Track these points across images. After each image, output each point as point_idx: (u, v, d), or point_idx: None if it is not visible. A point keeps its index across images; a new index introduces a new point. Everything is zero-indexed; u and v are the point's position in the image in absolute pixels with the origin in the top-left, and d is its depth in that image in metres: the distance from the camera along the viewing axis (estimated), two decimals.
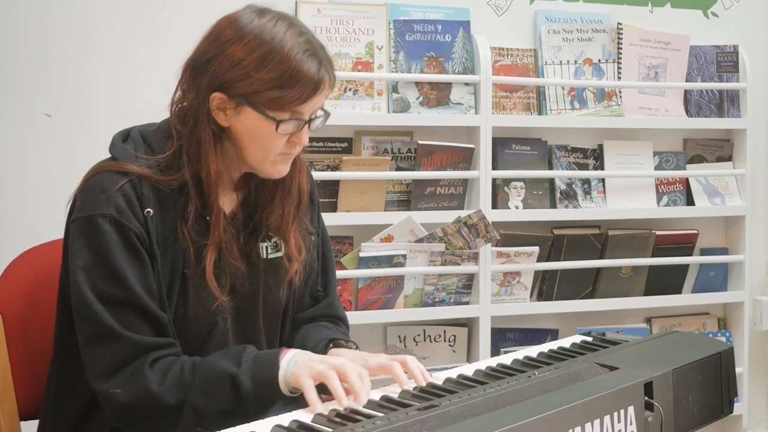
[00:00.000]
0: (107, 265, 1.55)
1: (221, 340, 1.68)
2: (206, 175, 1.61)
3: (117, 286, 1.55)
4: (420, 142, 2.77)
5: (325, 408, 1.44)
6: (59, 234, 2.00)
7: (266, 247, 1.73)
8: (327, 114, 1.66)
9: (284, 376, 1.52)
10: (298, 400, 1.54)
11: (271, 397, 1.54)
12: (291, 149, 1.64)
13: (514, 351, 1.79)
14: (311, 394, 1.46)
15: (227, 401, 1.52)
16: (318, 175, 2.67)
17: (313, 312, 1.87)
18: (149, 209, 1.58)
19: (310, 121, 1.62)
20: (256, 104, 1.56)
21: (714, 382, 1.67)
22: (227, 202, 1.69)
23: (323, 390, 1.50)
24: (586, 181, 3.02)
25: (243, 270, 1.67)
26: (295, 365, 1.52)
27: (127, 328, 1.54)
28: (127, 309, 1.55)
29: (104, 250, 1.55)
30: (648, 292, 3.10)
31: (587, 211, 3.00)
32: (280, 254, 1.74)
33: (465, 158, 2.81)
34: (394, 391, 1.52)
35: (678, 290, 3.16)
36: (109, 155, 1.66)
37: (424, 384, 1.56)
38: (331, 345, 1.73)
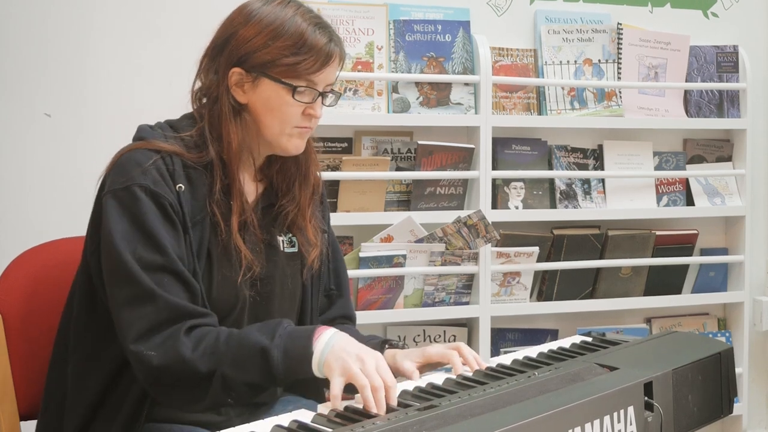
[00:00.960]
0: (145, 230, 1.58)
1: (236, 324, 1.69)
2: (227, 147, 1.67)
3: (155, 251, 1.57)
4: (420, 142, 2.77)
5: (326, 408, 1.44)
6: (59, 234, 2.01)
7: (283, 242, 1.79)
8: (338, 94, 1.75)
9: (318, 360, 1.51)
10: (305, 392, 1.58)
11: (301, 374, 1.53)
12: (307, 122, 1.70)
13: (514, 351, 1.79)
14: (336, 402, 1.45)
15: (257, 374, 1.52)
16: None
17: (331, 313, 1.92)
18: (181, 185, 1.63)
19: (323, 95, 1.70)
20: (273, 74, 1.65)
21: (714, 382, 1.68)
22: (249, 191, 1.74)
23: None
24: (586, 182, 3.02)
25: (261, 245, 1.72)
26: (331, 352, 1.50)
27: (164, 291, 1.56)
28: (165, 274, 1.58)
29: (142, 217, 1.58)
30: (648, 292, 3.10)
31: (587, 211, 3.00)
32: (294, 249, 1.80)
33: (465, 158, 2.81)
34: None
35: (678, 290, 3.16)
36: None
37: (476, 367, 1.64)
38: (387, 346, 1.76)
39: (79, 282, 1.72)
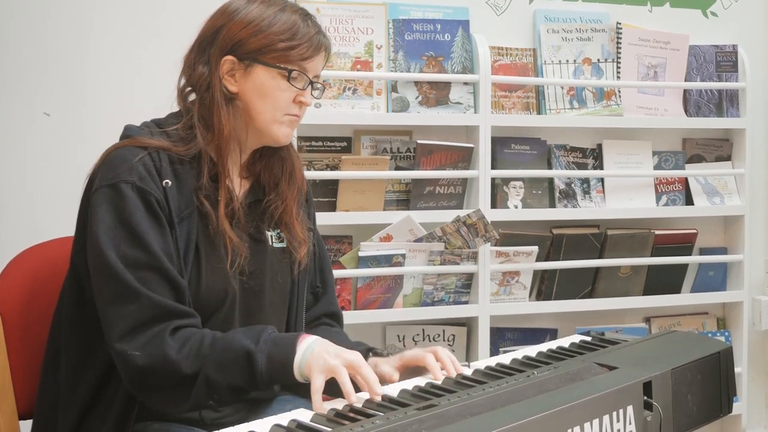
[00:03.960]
0: (130, 228, 1.58)
1: (227, 318, 1.71)
2: (218, 134, 1.69)
3: (139, 249, 1.58)
4: (419, 141, 2.77)
5: (324, 408, 1.45)
6: (59, 233, 2.01)
7: (271, 236, 1.80)
8: (323, 87, 1.79)
9: (299, 363, 1.53)
10: (299, 392, 1.59)
11: (284, 380, 1.56)
12: (297, 110, 1.73)
13: (513, 350, 1.79)
14: (316, 396, 1.46)
15: (240, 377, 1.53)
16: (317, 175, 2.67)
17: (316, 311, 1.92)
18: (168, 180, 1.64)
19: (312, 84, 1.73)
20: (266, 60, 1.67)
21: (713, 381, 1.68)
22: (235, 187, 1.75)
23: (333, 389, 1.50)
24: (585, 181, 3.02)
25: (246, 237, 1.73)
26: (311, 354, 1.52)
27: (148, 289, 1.57)
28: (149, 271, 1.58)
29: (128, 214, 1.59)
30: (647, 291, 3.10)
31: (586, 210, 3.00)
32: (283, 245, 1.81)
33: (464, 158, 2.81)
34: (393, 391, 1.52)
35: (677, 290, 3.16)
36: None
37: (454, 374, 1.61)
38: (370, 354, 1.76)
39: (67, 282, 1.72)
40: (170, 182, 1.64)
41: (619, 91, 3.05)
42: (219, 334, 1.59)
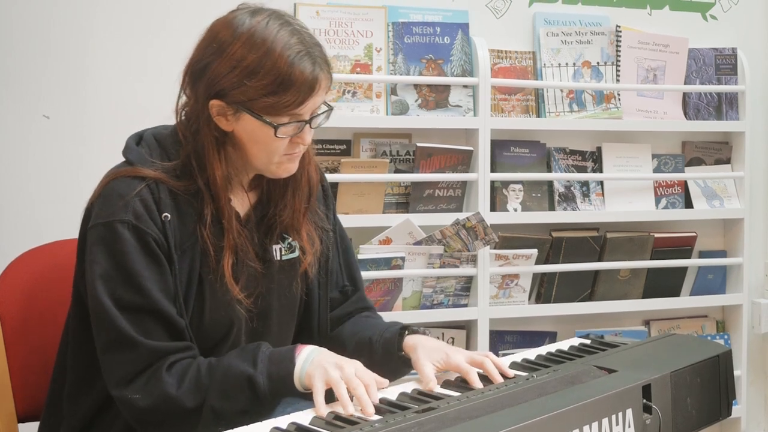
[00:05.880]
0: (126, 271, 1.55)
1: (235, 341, 1.69)
2: (212, 181, 1.61)
3: (135, 293, 1.55)
4: (419, 144, 2.77)
5: (325, 411, 1.44)
6: (58, 236, 2.01)
7: (280, 249, 1.74)
8: (330, 109, 1.66)
9: (299, 374, 1.53)
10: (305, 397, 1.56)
11: (286, 393, 1.55)
12: (294, 149, 1.64)
13: (513, 354, 1.79)
14: (319, 398, 1.46)
15: (245, 402, 1.53)
16: None
17: (347, 308, 1.89)
18: (167, 214, 1.58)
19: (311, 119, 1.62)
20: (254, 110, 1.57)
21: (712, 384, 1.68)
22: (240, 204, 1.70)
23: (330, 393, 1.50)
24: (585, 184, 3.02)
25: (259, 270, 1.68)
26: (311, 364, 1.52)
27: (144, 335, 1.55)
28: (145, 315, 1.56)
29: (123, 257, 1.55)
30: (646, 294, 3.10)
31: (586, 213, 3.00)
32: (294, 255, 1.76)
33: (463, 160, 2.81)
34: (392, 394, 1.52)
35: (676, 293, 3.16)
36: (122, 159, 1.66)
37: (500, 382, 1.58)
38: (406, 332, 1.73)
39: (73, 303, 1.70)
40: (170, 215, 1.58)
41: (619, 94, 3.05)
42: (213, 361, 1.57)
